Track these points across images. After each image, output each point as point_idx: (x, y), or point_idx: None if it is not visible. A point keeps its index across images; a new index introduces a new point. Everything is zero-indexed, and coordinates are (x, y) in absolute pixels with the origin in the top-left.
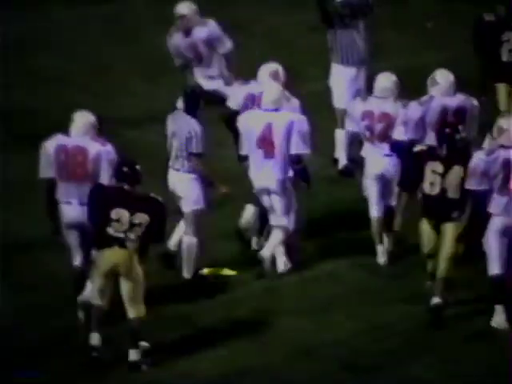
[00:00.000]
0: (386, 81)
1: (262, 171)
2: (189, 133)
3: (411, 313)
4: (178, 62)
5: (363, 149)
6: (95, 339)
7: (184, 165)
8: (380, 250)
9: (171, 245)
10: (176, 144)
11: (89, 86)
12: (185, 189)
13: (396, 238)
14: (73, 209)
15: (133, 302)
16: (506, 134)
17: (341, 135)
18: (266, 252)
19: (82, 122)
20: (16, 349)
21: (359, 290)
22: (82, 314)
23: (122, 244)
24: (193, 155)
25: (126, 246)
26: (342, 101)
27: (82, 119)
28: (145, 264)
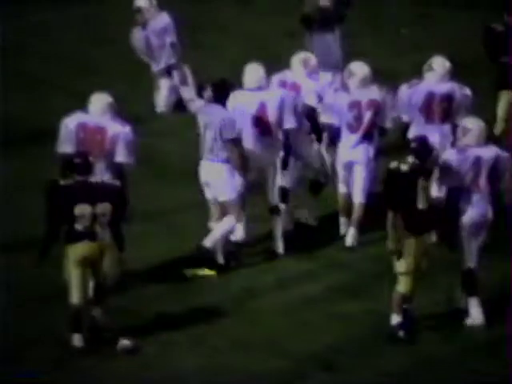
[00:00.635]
0: (365, 70)
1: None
2: (222, 120)
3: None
4: (145, 58)
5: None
6: (77, 340)
7: (218, 155)
8: (343, 221)
9: (206, 242)
10: (210, 135)
11: (72, 88)
12: (221, 179)
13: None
14: None
15: (105, 273)
16: (470, 133)
17: None
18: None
19: (100, 102)
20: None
21: (337, 289)
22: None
23: (91, 237)
24: (228, 141)
25: (96, 238)
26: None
27: (100, 100)
28: (122, 250)
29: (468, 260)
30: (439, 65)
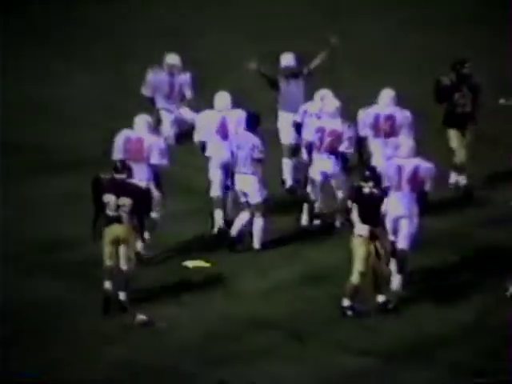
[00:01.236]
0: (334, 104)
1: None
2: (252, 145)
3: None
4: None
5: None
6: (107, 284)
7: (249, 169)
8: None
9: (233, 231)
10: (242, 154)
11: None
12: (253, 186)
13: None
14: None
15: (126, 260)
16: (402, 148)
17: (287, 163)
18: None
19: (141, 120)
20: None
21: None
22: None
23: (118, 221)
24: (256, 161)
25: (122, 221)
26: (287, 138)
27: (141, 119)
28: (137, 232)
29: (399, 243)
30: (384, 92)
